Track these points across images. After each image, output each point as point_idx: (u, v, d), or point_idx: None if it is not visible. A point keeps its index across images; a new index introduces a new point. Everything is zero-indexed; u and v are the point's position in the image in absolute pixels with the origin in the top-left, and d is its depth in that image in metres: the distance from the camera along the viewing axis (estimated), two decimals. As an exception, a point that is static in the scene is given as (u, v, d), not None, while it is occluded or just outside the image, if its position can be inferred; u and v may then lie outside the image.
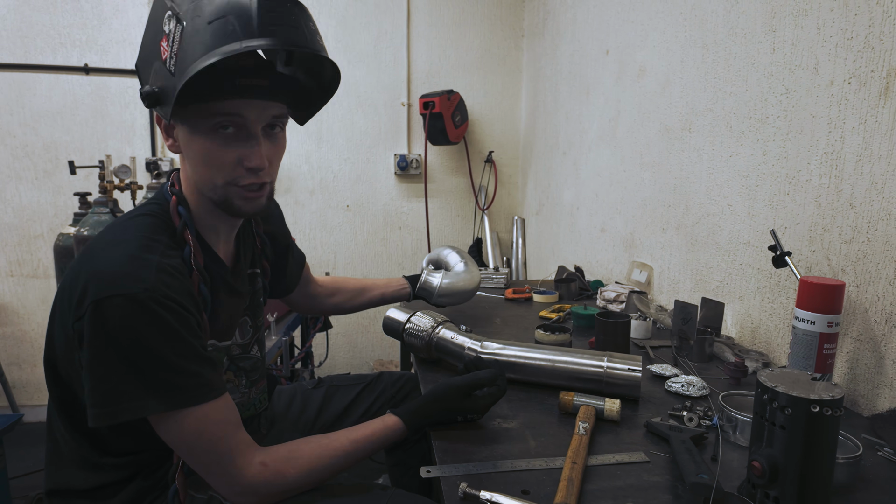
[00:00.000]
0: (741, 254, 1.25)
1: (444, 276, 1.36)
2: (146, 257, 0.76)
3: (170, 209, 0.86)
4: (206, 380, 0.76)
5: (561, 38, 2.44)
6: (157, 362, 0.73)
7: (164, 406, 0.73)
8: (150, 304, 0.72)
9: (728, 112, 1.28)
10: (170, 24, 0.75)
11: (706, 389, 0.98)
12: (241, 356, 1.00)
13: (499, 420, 0.88)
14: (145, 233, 0.80)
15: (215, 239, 0.92)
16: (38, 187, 2.73)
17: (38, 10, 2.61)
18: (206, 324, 0.83)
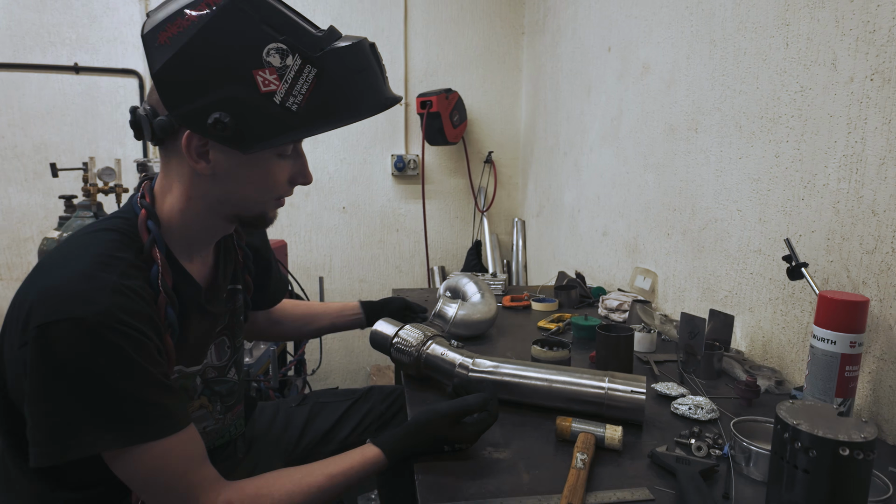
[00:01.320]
0: (752, 262, 1.17)
1: (461, 307, 1.30)
2: (101, 277, 0.69)
3: (138, 224, 0.78)
4: (166, 411, 0.69)
5: (561, 35, 2.36)
6: (111, 394, 0.66)
7: (120, 442, 0.66)
8: (102, 331, 0.65)
9: (737, 111, 1.20)
10: (285, 59, 0.70)
11: (715, 412, 0.91)
12: (216, 379, 0.93)
13: (489, 449, 0.81)
14: (105, 249, 0.73)
15: (189, 256, 0.85)
16: (28, 189, 2.68)
17: (27, 8, 2.55)
18: (171, 349, 0.76)
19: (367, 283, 2.97)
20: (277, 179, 0.81)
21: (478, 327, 1.32)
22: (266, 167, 0.79)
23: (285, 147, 0.79)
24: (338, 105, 0.74)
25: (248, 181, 0.79)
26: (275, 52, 0.70)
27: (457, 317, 1.29)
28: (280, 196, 0.84)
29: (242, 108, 0.71)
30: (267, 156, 0.78)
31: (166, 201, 0.81)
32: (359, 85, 0.74)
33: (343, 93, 0.74)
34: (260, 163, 0.78)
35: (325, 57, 0.72)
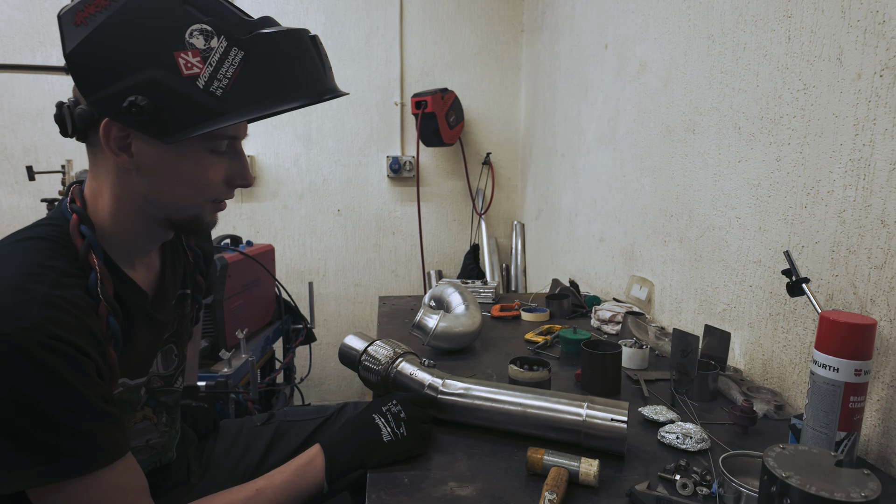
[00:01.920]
0: (751, 274, 1.08)
1: (442, 319, 1.23)
2: (30, 288, 0.62)
3: (69, 230, 0.72)
4: (98, 442, 0.62)
5: (559, 33, 2.28)
6: (37, 422, 0.59)
7: (46, 478, 0.59)
8: (32, 348, 0.58)
9: (736, 111, 1.12)
10: (209, 40, 0.65)
11: (706, 442, 0.83)
12: (162, 389, 0.87)
13: (452, 484, 0.74)
14: (33, 258, 0.66)
15: (131, 262, 0.78)
16: (18, 192, 2.64)
17: (15, 7, 2.52)
18: (114, 363, 0.69)
19: (362, 287, 2.90)
20: (210, 178, 0.74)
21: (460, 340, 1.25)
22: (196, 163, 0.72)
23: (218, 142, 0.72)
24: (266, 91, 0.68)
25: (177, 179, 0.73)
26: (198, 34, 0.65)
27: (437, 329, 1.22)
28: (217, 198, 0.77)
29: (162, 92, 0.65)
30: (196, 150, 0.71)
31: (98, 204, 0.74)
32: (289, 72, 0.69)
33: (272, 79, 0.68)
34: (188, 157, 0.71)
35: (253, 40, 0.67)
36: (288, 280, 2.76)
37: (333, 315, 2.90)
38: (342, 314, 2.90)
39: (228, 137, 0.74)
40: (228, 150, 0.75)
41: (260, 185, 2.78)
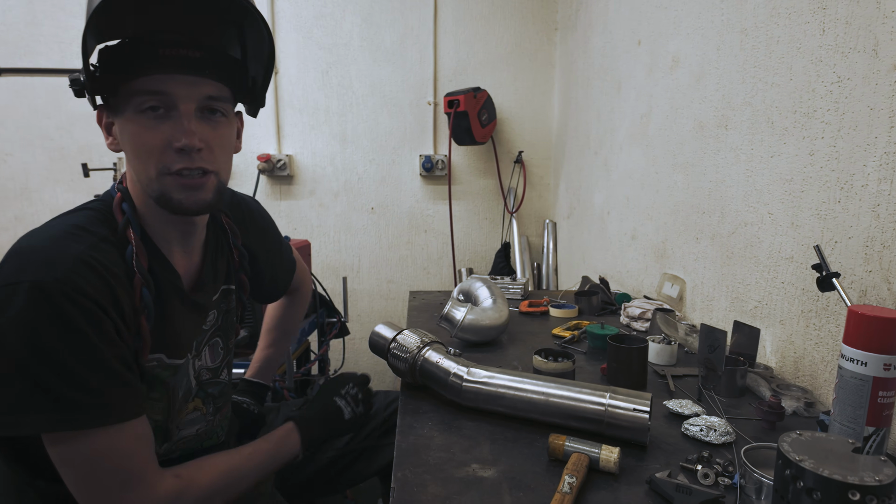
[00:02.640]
0: (783, 270, 1.07)
1: (469, 312, 1.25)
2: (68, 244, 0.68)
3: (113, 206, 0.78)
4: (105, 400, 0.66)
5: (592, 30, 2.27)
6: (50, 368, 0.63)
7: (48, 425, 0.64)
8: (57, 297, 0.63)
9: (769, 105, 1.10)
10: None
11: (730, 435, 0.83)
12: (210, 381, 0.92)
13: (475, 466, 0.76)
14: (78, 222, 0.73)
15: (168, 246, 0.83)
16: (74, 189, 2.80)
17: (71, 14, 2.67)
18: (146, 333, 0.74)
19: (394, 283, 2.96)
20: (148, 142, 0.73)
21: (487, 333, 1.27)
22: (135, 129, 0.73)
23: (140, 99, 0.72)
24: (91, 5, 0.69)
25: (130, 150, 0.75)
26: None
27: (465, 321, 1.25)
28: (166, 167, 0.74)
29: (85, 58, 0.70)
30: (132, 115, 0.73)
31: (132, 190, 0.81)
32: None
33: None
34: (126, 124, 0.74)
35: None
36: (323, 275, 2.83)
37: (366, 310, 2.96)
38: (375, 310, 2.96)
39: (149, 93, 0.72)
40: (169, 114, 0.73)
41: (297, 183, 2.87)
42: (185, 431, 0.88)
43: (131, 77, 0.71)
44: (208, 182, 0.77)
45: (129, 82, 0.71)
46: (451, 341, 1.29)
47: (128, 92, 0.72)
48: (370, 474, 1.19)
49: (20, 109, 2.72)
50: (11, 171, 2.76)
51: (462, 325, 1.25)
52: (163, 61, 0.71)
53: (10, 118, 2.72)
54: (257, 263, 1.04)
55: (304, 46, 2.76)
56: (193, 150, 0.74)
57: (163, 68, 0.71)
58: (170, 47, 0.71)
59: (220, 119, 0.78)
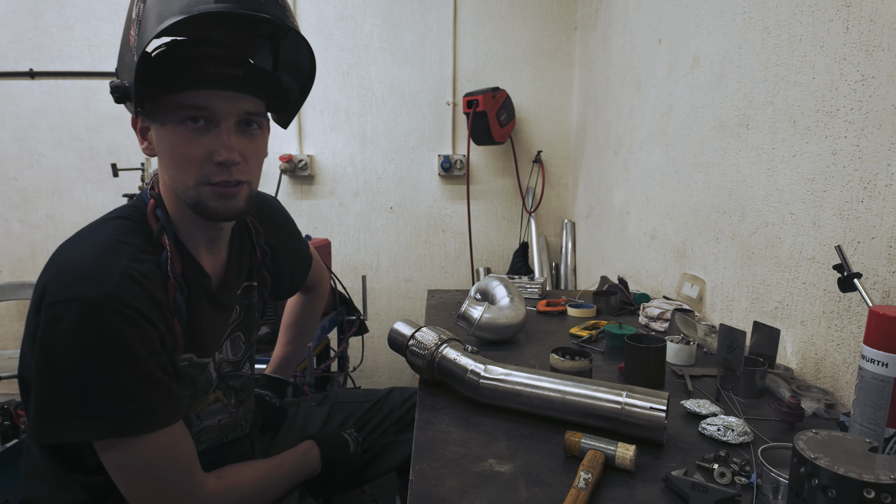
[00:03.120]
0: (804, 271, 1.06)
1: (486, 310, 1.27)
2: (112, 260, 0.71)
3: (147, 212, 0.81)
4: (150, 406, 0.70)
5: (612, 29, 2.26)
6: (100, 380, 0.67)
7: (97, 433, 0.68)
8: (106, 313, 0.66)
9: (791, 104, 1.09)
10: (136, 7, 0.71)
11: (748, 435, 0.82)
12: (231, 374, 0.95)
13: (491, 461, 0.77)
14: (116, 235, 0.76)
15: (197, 248, 0.86)
16: (102, 188, 2.88)
17: (102, 19, 2.75)
18: (179, 334, 0.77)
19: (412, 282, 2.98)
20: (188, 154, 0.75)
21: (504, 332, 1.28)
22: (175, 139, 0.75)
23: (182, 112, 0.74)
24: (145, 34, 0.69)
25: (168, 158, 0.78)
26: (134, 5, 0.72)
27: (482, 320, 1.26)
28: (206, 178, 0.76)
29: (125, 69, 0.73)
30: (173, 126, 0.75)
31: (164, 194, 0.83)
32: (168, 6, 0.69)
33: (150, 18, 0.69)
34: (170, 135, 0.75)
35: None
36: (343, 274, 2.87)
37: (385, 309, 2.99)
38: (393, 308, 2.98)
39: (192, 108, 0.74)
40: (208, 127, 0.76)
41: (318, 183, 2.91)
42: (206, 422, 0.91)
43: (175, 91, 0.73)
44: (242, 191, 0.80)
45: (172, 95, 0.73)
46: (468, 339, 1.30)
47: (169, 103, 0.74)
48: (388, 470, 1.20)
49: (53, 112, 2.81)
50: (44, 170, 2.85)
51: (479, 323, 1.26)
52: (207, 78, 0.73)
53: (44, 120, 2.81)
54: (278, 260, 1.07)
55: (326, 48, 2.80)
56: (233, 164, 0.77)
57: (206, 84, 0.73)
58: (214, 64, 0.73)
59: (255, 132, 0.81)
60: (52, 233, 2.89)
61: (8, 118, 2.81)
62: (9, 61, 2.76)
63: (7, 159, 2.84)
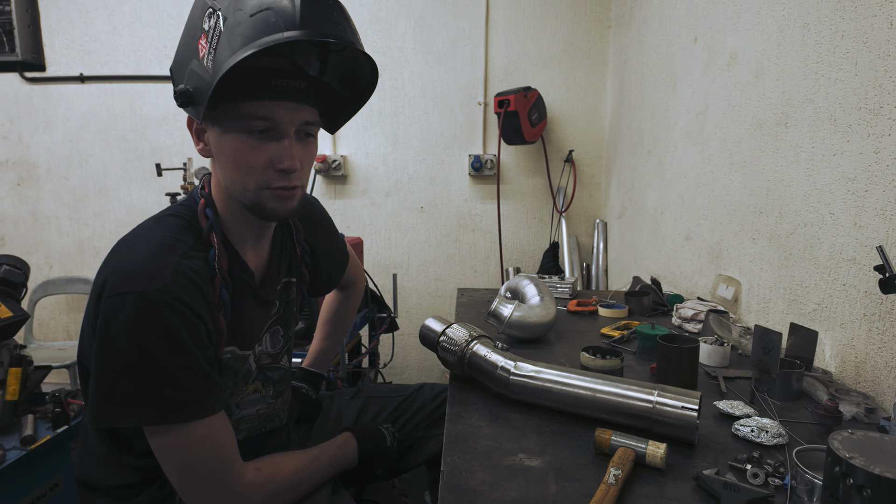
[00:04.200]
0: (844, 272, 1.03)
1: (517, 309, 1.28)
2: (165, 257, 0.75)
3: (198, 211, 0.85)
4: (197, 396, 0.74)
5: (647, 27, 2.23)
6: (152, 369, 0.71)
7: (149, 419, 0.72)
8: (160, 307, 0.71)
9: (832, 102, 1.07)
10: (209, 20, 0.74)
11: (783, 437, 0.81)
12: (270, 366, 0.99)
13: (521, 455, 0.79)
14: (169, 233, 0.80)
15: (243, 245, 0.90)
16: (146, 187, 2.99)
17: (147, 24, 2.86)
18: (223, 328, 0.82)
19: (442, 281, 3.00)
20: (251, 160, 0.79)
21: (534, 330, 1.28)
22: (237, 146, 0.78)
23: (248, 122, 0.77)
24: (225, 51, 0.71)
25: (229, 162, 0.80)
26: (206, 17, 0.74)
27: (512, 318, 1.27)
28: (266, 183, 0.80)
29: (192, 76, 0.75)
30: (236, 133, 0.78)
31: (214, 191, 0.87)
32: (251, 27, 0.71)
33: (234, 36, 0.71)
34: (232, 141, 0.78)
35: (230, 6, 0.72)
36: (374, 272, 2.91)
37: (415, 307, 3.02)
38: (423, 306, 3.01)
39: (258, 118, 0.77)
40: (271, 135, 0.79)
41: (351, 183, 2.96)
42: (245, 411, 0.94)
43: (241, 101, 0.76)
44: (297, 194, 0.85)
45: (237, 104, 0.77)
46: (498, 337, 1.31)
47: (233, 112, 0.77)
48: (418, 463, 1.23)
49: (101, 114, 2.94)
50: (92, 170, 2.99)
51: (509, 321, 1.27)
52: (273, 90, 0.76)
53: (92, 122, 2.95)
54: (317, 257, 1.10)
55: (359, 50, 2.84)
56: (293, 172, 0.81)
57: (271, 96, 0.76)
58: (280, 77, 0.76)
59: (311, 140, 0.85)
60: (99, 230, 3.03)
61: (60, 121, 2.95)
62: (61, 66, 2.91)
63: (59, 160, 2.99)
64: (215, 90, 0.72)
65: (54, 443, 1.49)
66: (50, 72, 2.92)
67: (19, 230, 3.06)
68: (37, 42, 2.89)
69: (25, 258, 1.76)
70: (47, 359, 2.58)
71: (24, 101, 2.95)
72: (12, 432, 1.54)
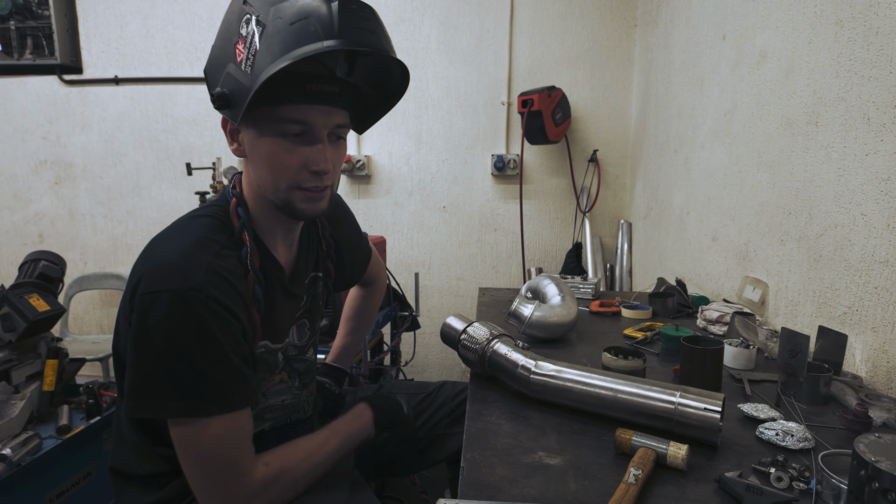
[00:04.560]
0: (876, 275, 1.01)
1: (537, 309, 1.28)
2: (199, 256, 0.77)
3: (230, 210, 0.88)
4: (226, 392, 0.76)
5: (674, 26, 2.20)
6: (184, 364, 0.73)
7: (179, 411, 0.74)
8: (193, 304, 0.73)
9: (865, 101, 1.04)
10: (247, 26, 0.76)
11: (809, 441, 0.80)
12: (296, 357, 1.01)
13: (541, 454, 0.79)
14: (203, 232, 0.82)
15: (273, 242, 0.93)
16: (177, 186, 3.07)
17: (179, 27, 2.94)
18: (257, 324, 0.84)
19: (464, 281, 3.01)
20: (285, 162, 0.81)
21: (554, 330, 1.28)
22: (272, 147, 0.80)
23: (283, 126, 0.79)
24: (265, 57, 0.73)
25: (262, 163, 0.82)
26: (244, 23, 0.76)
27: (532, 318, 1.27)
28: (298, 184, 0.83)
29: (231, 80, 0.77)
30: (271, 135, 0.80)
31: (246, 190, 0.90)
32: (291, 35, 0.72)
33: (274, 44, 0.72)
34: (267, 142, 0.81)
35: (269, 14, 0.74)
36: (396, 270, 2.93)
37: (437, 306, 3.03)
38: (444, 306, 3.03)
39: (293, 121, 0.79)
40: (305, 138, 0.81)
41: (374, 182, 2.99)
42: (271, 401, 0.97)
43: (276, 104, 0.79)
44: (327, 194, 0.87)
45: (272, 107, 0.79)
46: (519, 337, 1.31)
47: (269, 114, 0.79)
48: (440, 459, 1.24)
49: (135, 115, 3.03)
50: (126, 170, 3.08)
51: (530, 321, 1.27)
52: (308, 94, 0.79)
53: (126, 123, 3.04)
54: (341, 252, 1.13)
55: (384, 51, 2.87)
56: (325, 173, 0.83)
57: (306, 100, 0.79)
58: (315, 82, 0.79)
59: (341, 142, 0.88)
60: (132, 228, 3.12)
61: (96, 121, 3.05)
62: (98, 69, 3.01)
63: (94, 159, 3.09)
64: (255, 94, 0.74)
65: (88, 433, 1.54)
66: (86, 74, 3.02)
67: (56, 227, 3.17)
68: (75, 46, 3.00)
69: (62, 254, 1.83)
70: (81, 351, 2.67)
71: (63, 103, 3.05)
72: (48, 422, 1.61)
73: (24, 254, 1.81)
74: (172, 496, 0.87)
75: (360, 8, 0.76)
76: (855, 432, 0.83)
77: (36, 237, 3.19)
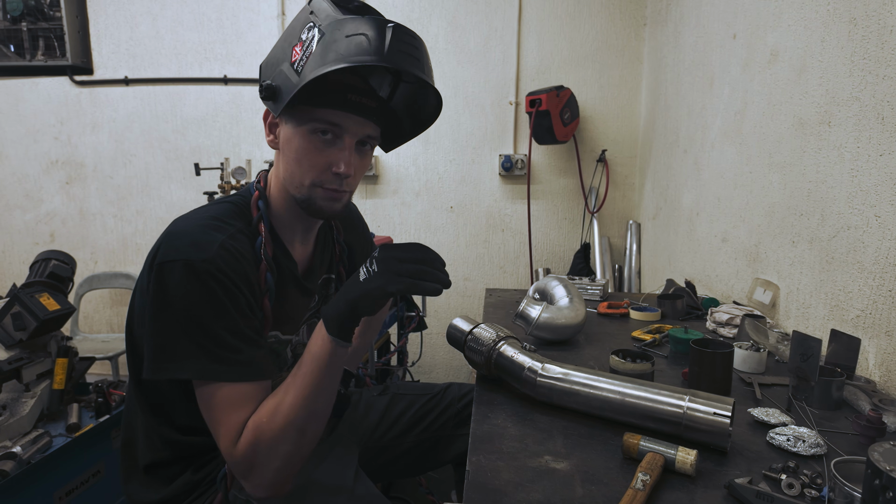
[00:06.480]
0: (891, 277, 0.99)
1: (545, 310, 1.27)
2: (214, 234, 0.83)
3: (251, 202, 0.93)
4: (247, 359, 0.80)
5: (684, 24, 2.18)
6: (200, 328, 0.78)
7: (200, 373, 0.78)
8: (203, 274, 0.78)
9: (880, 100, 1.02)
10: (308, 32, 0.82)
11: (821, 447, 0.78)
12: None
13: (548, 458, 0.78)
14: (221, 215, 0.88)
15: (290, 237, 0.97)
16: (185, 186, 3.09)
17: (189, 29, 2.95)
18: (268, 311, 0.88)
19: (471, 281, 3.00)
20: (313, 159, 0.86)
21: (562, 332, 1.27)
22: (304, 144, 0.86)
23: (316, 124, 0.84)
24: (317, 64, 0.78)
25: (293, 157, 0.87)
26: (306, 29, 0.82)
27: (540, 319, 1.26)
28: (321, 182, 0.87)
29: (280, 75, 0.83)
30: (305, 132, 0.85)
31: (272, 185, 0.94)
32: (345, 46, 0.78)
33: (328, 51, 0.78)
34: (300, 138, 0.86)
35: (330, 25, 0.79)
36: (404, 271, 2.93)
37: (443, 307, 3.03)
38: (451, 306, 3.02)
39: (328, 123, 0.85)
40: (335, 141, 0.87)
41: (381, 183, 2.99)
42: None
43: (318, 105, 0.84)
44: (345, 198, 0.92)
45: (314, 108, 0.84)
46: (526, 338, 1.30)
47: (309, 113, 0.85)
48: (445, 461, 1.23)
49: (144, 115, 3.05)
50: (135, 170, 3.10)
51: (537, 323, 1.26)
52: (347, 103, 0.84)
53: (136, 123, 3.06)
54: (353, 257, 1.15)
55: (392, 50, 2.87)
56: (347, 177, 0.88)
57: (345, 108, 0.84)
58: (356, 94, 0.85)
59: (367, 151, 0.92)
60: (141, 227, 3.14)
61: (106, 122, 3.07)
62: (108, 70, 3.03)
63: (105, 160, 3.11)
64: (300, 91, 0.80)
65: (97, 431, 1.55)
66: (97, 75, 3.04)
67: (67, 227, 3.20)
68: (86, 47, 3.02)
69: (72, 254, 1.85)
70: (91, 350, 2.69)
71: (74, 104, 3.08)
72: (58, 420, 1.62)
73: (36, 253, 1.83)
74: (178, 493, 0.88)
75: (411, 37, 0.82)
76: (868, 438, 0.81)
77: (47, 237, 3.22)
